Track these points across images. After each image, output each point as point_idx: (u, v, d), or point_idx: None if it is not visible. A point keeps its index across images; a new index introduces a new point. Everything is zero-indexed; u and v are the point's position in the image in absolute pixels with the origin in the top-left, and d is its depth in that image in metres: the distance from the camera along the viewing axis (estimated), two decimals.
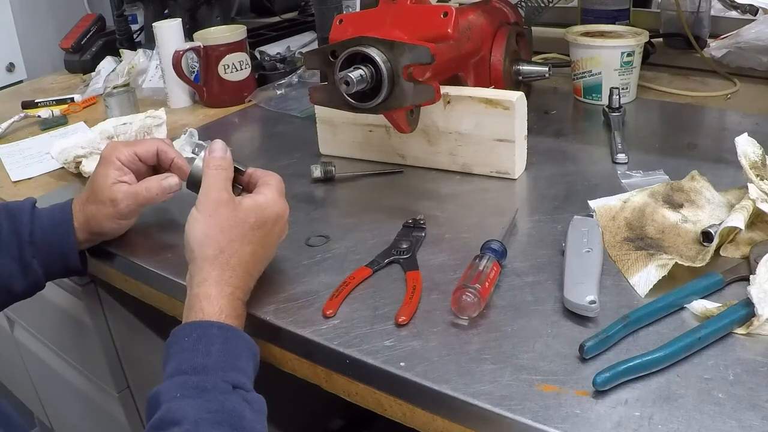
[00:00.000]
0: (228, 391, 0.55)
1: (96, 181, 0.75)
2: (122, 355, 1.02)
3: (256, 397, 0.58)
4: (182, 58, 1.21)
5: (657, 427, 0.49)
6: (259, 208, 0.65)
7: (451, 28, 0.77)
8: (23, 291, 0.77)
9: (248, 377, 0.59)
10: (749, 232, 0.68)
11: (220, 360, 0.57)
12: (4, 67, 1.62)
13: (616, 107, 1.00)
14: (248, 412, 0.55)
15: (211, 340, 0.58)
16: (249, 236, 0.64)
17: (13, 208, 0.76)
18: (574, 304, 0.60)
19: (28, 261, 0.74)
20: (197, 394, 0.54)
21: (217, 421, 0.53)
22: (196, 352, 0.57)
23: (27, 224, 0.75)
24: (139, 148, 0.76)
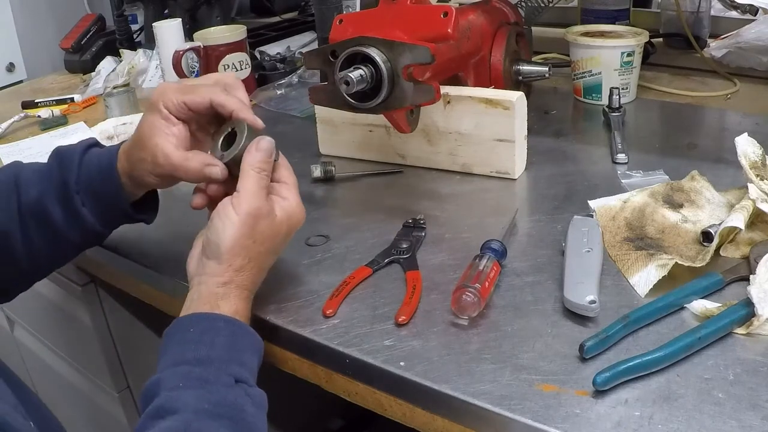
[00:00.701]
0: (230, 384, 0.55)
1: (142, 127, 0.67)
2: (122, 355, 1.02)
3: (258, 392, 0.57)
4: (182, 58, 1.21)
5: (657, 426, 0.49)
6: (289, 218, 0.64)
7: (451, 28, 0.77)
8: (83, 241, 0.73)
9: (251, 372, 0.58)
10: (749, 232, 0.68)
11: (225, 353, 0.57)
12: (4, 67, 1.62)
13: (616, 107, 1.00)
14: (249, 407, 0.55)
15: (217, 333, 0.58)
16: (278, 247, 0.65)
17: (64, 153, 0.72)
18: (574, 304, 0.60)
19: (78, 210, 0.70)
20: (200, 385, 0.54)
21: (218, 414, 0.53)
22: (201, 343, 0.57)
23: (74, 171, 0.70)
24: (189, 97, 0.65)
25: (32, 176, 0.71)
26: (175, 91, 0.66)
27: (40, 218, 0.70)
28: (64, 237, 0.71)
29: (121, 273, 0.83)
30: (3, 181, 0.71)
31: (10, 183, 0.71)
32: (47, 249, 0.72)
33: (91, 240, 0.74)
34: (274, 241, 0.63)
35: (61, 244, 0.72)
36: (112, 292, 0.97)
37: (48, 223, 0.70)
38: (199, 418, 0.52)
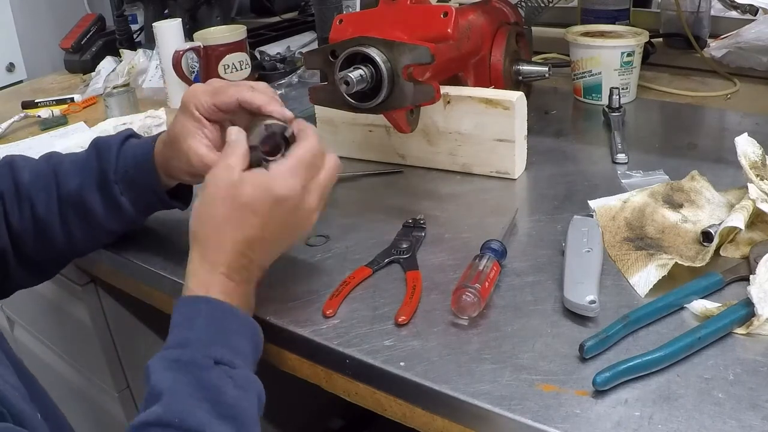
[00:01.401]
0: (208, 366, 0.55)
1: (175, 128, 0.68)
2: (122, 355, 1.02)
3: (243, 373, 0.56)
4: (182, 58, 1.21)
5: (657, 426, 0.49)
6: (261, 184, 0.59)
7: (451, 28, 0.77)
8: (118, 228, 0.76)
9: (239, 355, 0.57)
10: (749, 232, 0.68)
11: (204, 335, 0.56)
12: (4, 67, 1.61)
13: (616, 107, 1.00)
14: (230, 388, 0.54)
15: (196, 315, 0.58)
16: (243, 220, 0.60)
17: (102, 144, 0.74)
18: (574, 304, 0.60)
19: (117, 199, 0.73)
20: (176, 368, 0.54)
21: (194, 395, 0.53)
22: (182, 327, 0.57)
23: (113, 162, 0.72)
24: (218, 98, 0.66)
25: (71, 167, 0.74)
26: (205, 93, 0.67)
27: (79, 208, 0.73)
28: (101, 225, 0.74)
29: (121, 273, 0.83)
30: (42, 173, 0.74)
31: (49, 174, 0.74)
32: (84, 236, 0.75)
33: (127, 226, 0.77)
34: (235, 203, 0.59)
35: (98, 231, 0.75)
36: (112, 292, 0.97)
37: (87, 212, 0.73)
38: (176, 400, 0.52)
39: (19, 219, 0.73)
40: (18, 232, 0.73)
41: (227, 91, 0.66)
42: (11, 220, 0.73)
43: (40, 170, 0.75)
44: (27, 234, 0.73)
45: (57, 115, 1.27)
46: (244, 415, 0.54)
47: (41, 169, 0.75)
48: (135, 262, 0.78)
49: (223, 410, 0.53)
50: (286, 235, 0.63)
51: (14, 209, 0.73)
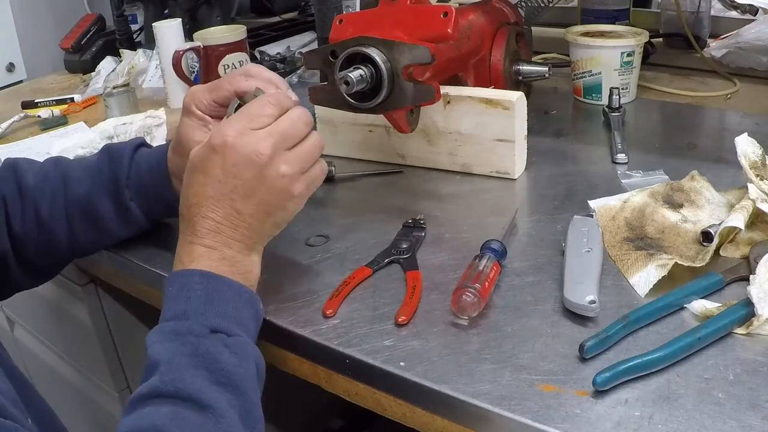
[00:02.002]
0: (204, 334, 0.55)
1: (180, 131, 0.71)
2: (122, 355, 1.02)
3: (242, 341, 0.57)
4: (182, 58, 1.21)
5: (657, 427, 0.49)
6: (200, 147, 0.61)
7: (451, 28, 0.77)
8: (124, 233, 0.77)
9: (236, 323, 0.57)
10: (749, 232, 0.68)
11: (200, 305, 0.57)
12: (4, 67, 1.61)
13: (616, 107, 1.00)
14: (226, 355, 0.54)
15: (192, 287, 0.58)
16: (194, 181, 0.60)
17: (114, 150, 0.76)
18: (574, 304, 0.60)
19: (126, 204, 0.74)
20: (172, 338, 0.55)
21: (191, 364, 0.53)
22: (178, 299, 0.57)
23: (125, 168, 0.74)
24: (216, 94, 0.69)
25: (81, 172, 0.75)
26: (204, 91, 0.69)
27: (86, 212, 0.74)
28: (108, 230, 0.75)
29: (121, 273, 0.83)
30: (49, 177, 0.75)
31: (58, 178, 0.74)
32: (89, 239, 0.76)
33: (133, 232, 0.78)
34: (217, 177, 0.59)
35: (103, 236, 0.76)
36: (112, 292, 0.97)
37: (94, 217, 0.74)
38: (172, 370, 0.52)
39: (21, 222, 0.73)
40: (20, 235, 0.73)
41: (223, 86, 0.68)
42: (13, 223, 0.73)
43: (46, 174, 0.75)
44: (29, 237, 0.73)
45: (57, 115, 1.27)
46: (241, 381, 0.54)
47: (48, 172, 0.75)
48: (135, 262, 0.78)
49: (220, 377, 0.53)
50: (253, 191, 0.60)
51: (17, 212, 0.73)
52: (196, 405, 0.51)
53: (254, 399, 0.55)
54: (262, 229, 0.62)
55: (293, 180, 0.61)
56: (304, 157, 0.62)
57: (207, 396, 0.52)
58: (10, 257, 0.74)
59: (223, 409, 0.52)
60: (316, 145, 0.63)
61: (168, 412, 0.51)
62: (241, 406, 0.53)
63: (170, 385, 0.52)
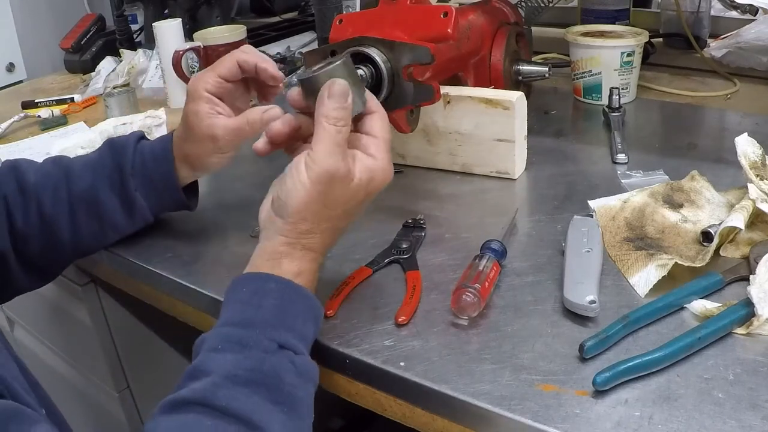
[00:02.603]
0: (272, 350, 0.52)
1: (189, 120, 0.71)
2: (122, 355, 1.02)
3: (306, 361, 0.54)
4: (182, 58, 1.21)
5: (657, 427, 0.49)
6: (370, 180, 0.58)
7: (451, 28, 0.77)
8: (128, 226, 0.77)
9: (303, 339, 0.55)
10: (749, 232, 0.68)
11: (272, 316, 0.54)
12: (4, 67, 1.61)
13: (616, 107, 1.00)
14: (290, 376, 0.52)
15: (265, 294, 0.55)
16: (354, 209, 0.60)
17: (117, 142, 0.76)
18: (574, 304, 0.60)
19: (131, 194, 0.74)
20: (238, 350, 0.52)
21: (252, 380, 0.51)
22: (249, 304, 0.55)
23: (129, 158, 0.74)
24: (220, 69, 0.71)
25: (83, 168, 0.75)
26: (206, 73, 0.72)
27: (90, 206, 0.74)
28: (112, 223, 0.75)
29: (121, 273, 0.83)
30: (51, 174, 0.75)
31: (59, 175, 0.75)
32: (92, 235, 0.75)
33: (137, 225, 0.77)
34: (349, 205, 0.59)
35: (107, 231, 0.76)
36: (112, 292, 0.97)
37: (98, 210, 0.74)
38: (228, 384, 0.50)
39: (23, 220, 0.73)
40: (22, 233, 0.73)
41: (225, 60, 0.71)
42: (15, 222, 0.73)
43: (47, 171, 0.75)
44: (32, 235, 0.73)
45: (57, 115, 1.27)
46: (299, 403, 0.52)
47: (49, 170, 0.75)
48: (135, 262, 0.78)
49: (278, 397, 0.51)
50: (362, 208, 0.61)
51: (18, 211, 0.73)
52: (245, 424, 0.49)
53: (307, 419, 0.53)
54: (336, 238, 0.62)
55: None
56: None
57: (259, 416, 0.49)
58: (11, 258, 0.74)
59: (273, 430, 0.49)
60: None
61: (212, 426, 0.48)
62: (294, 426, 0.51)
63: (222, 399, 0.49)
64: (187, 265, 0.76)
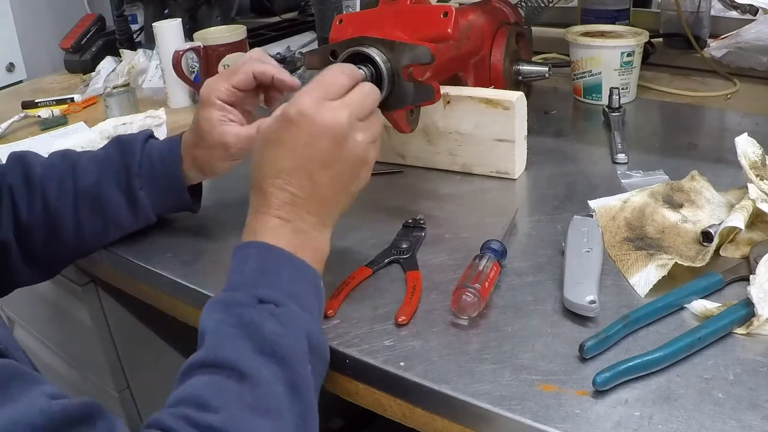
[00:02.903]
0: (251, 304, 0.54)
1: (201, 126, 0.72)
2: (122, 355, 1.02)
3: (288, 311, 0.55)
4: (182, 58, 1.21)
5: (657, 427, 0.49)
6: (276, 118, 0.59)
7: (451, 28, 0.77)
8: (131, 224, 0.77)
9: (289, 295, 0.56)
10: (749, 232, 0.68)
11: (253, 277, 0.56)
12: (4, 67, 1.61)
13: (616, 107, 1.00)
14: (270, 324, 0.53)
15: (245, 260, 0.57)
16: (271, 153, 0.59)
17: (125, 140, 0.77)
18: (574, 304, 0.60)
19: (136, 193, 0.75)
20: (219, 309, 0.55)
21: (234, 334, 0.52)
22: (234, 272, 0.57)
23: (137, 156, 0.75)
24: (235, 79, 0.71)
25: (90, 163, 0.76)
26: (220, 79, 0.72)
27: (95, 202, 0.74)
28: (115, 220, 0.76)
29: (121, 273, 0.83)
30: (58, 167, 0.76)
31: (66, 168, 0.75)
32: (94, 231, 0.76)
33: (139, 224, 0.78)
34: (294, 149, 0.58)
35: (109, 227, 0.76)
36: (112, 292, 0.97)
37: (102, 206, 0.75)
38: (216, 338, 0.53)
39: (28, 211, 0.73)
40: (26, 224, 0.73)
41: (240, 69, 0.72)
42: (20, 212, 0.73)
43: (54, 164, 0.76)
44: (36, 226, 0.74)
45: (57, 115, 1.27)
46: (287, 351, 0.52)
47: (56, 163, 0.76)
48: (135, 262, 0.78)
49: (263, 347, 0.52)
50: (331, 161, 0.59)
51: (23, 201, 0.73)
52: (234, 373, 0.50)
53: (302, 371, 0.52)
54: (338, 201, 0.61)
55: (368, 148, 0.61)
56: (375, 126, 0.62)
57: (245, 364, 0.50)
58: (14, 248, 0.74)
59: (263, 378, 0.50)
60: (380, 120, 0.64)
61: (207, 380, 0.50)
62: (287, 377, 0.51)
63: (212, 353, 0.52)
64: (187, 264, 0.76)
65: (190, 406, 0.48)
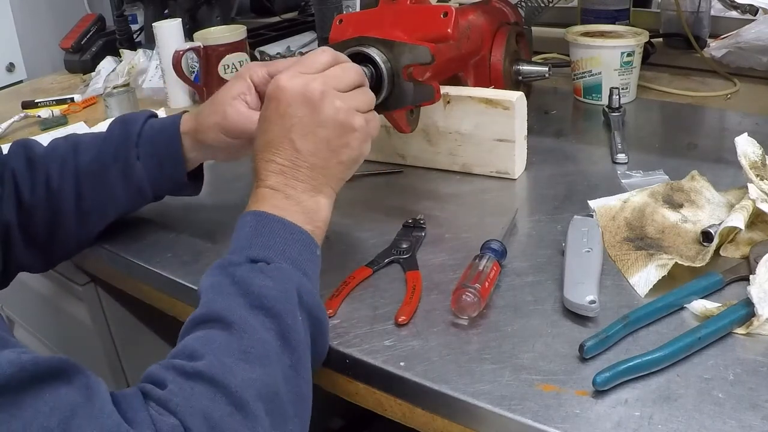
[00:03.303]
0: (241, 263, 0.56)
1: (220, 92, 0.74)
2: (122, 355, 1.02)
3: (282, 268, 0.56)
4: (182, 58, 1.21)
5: (657, 427, 0.49)
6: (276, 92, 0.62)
7: (451, 28, 0.77)
8: (126, 199, 0.77)
9: (281, 255, 0.57)
10: (749, 232, 0.68)
11: (246, 242, 0.58)
12: (4, 67, 1.61)
13: (616, 107, 1.00)
14: (259, 279, 0.54)
15: (242, 227, 0.59)
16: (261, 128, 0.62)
17: (127, 117, 0.78)
18: (574, 304, 0.60)
19: (131, 163, 0.75)
20: (216, 273, 0.56)
21: (225, 291, 0.54)
22: (233, 240, 0.59)
23: (137, 129, 0.75)
24: (273, 68, 0.72)
25: (91, 141, 0.77)
26: (260, 66, 0.73)
27: (94, 177, 0.75)
28: (111, 195, 0.76)
29: (121, 273, 0.83)
30: (61, 147, 0.76)
31: (68, 147, 0.76)
32: (94, 210, 0.76)
33: (134, 200, 0.78)
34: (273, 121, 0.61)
35: (107, 203, 0.76)
36: (112, 292, 0.97)
37: (101, 181, 0.75)
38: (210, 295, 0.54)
39: (31, 192, 0.74)
40: (29, 206, 0.74)
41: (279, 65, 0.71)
42: (23, 195, 0.74)
43: (57, 146, 0.77)
44: (38, 207, 0.74)
45: (57, 115, 1.27)
46: (275, 303, 0.53)
47: (58, 145, 0.77)
48: (135, 262, 0.78)
49: (253, 300, 0.53)
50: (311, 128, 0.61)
51: (26, 183, 0.74)
52: (222, 323, 0.52)
53: (291, 322, 0.53)
54: (327, 168, 0.62)
55: (350, 114, 0.62)
56: (358, 98, 0.63)
57: (232, 315, 0.52)
58: (16, 233, 0.74)
59: (249, 327, 0.52)
60: (367, 95, 0.65)
61: (199, 334, 0.52)
62: (277, 329, 0.53)
63: (204, 309, 0.54)
64: (187, 264, 0.76)
65: (180, 357, 0.50)
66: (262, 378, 0.50)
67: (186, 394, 0.47)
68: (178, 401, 0.47)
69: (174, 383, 0.48)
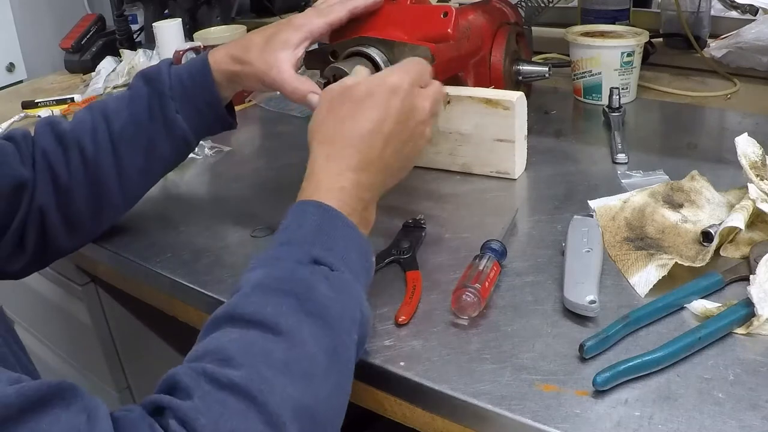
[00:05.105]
0: (305, 262, 0.51)
1: (274, 37, 0.72)
2: (122, 355, 1.02)
3: (347, 280, 0.52)
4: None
5: (657, 427, 0.49)
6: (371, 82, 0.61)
7: (451, 28, 0.77)
8: (171, 153, 0.76)
9: (345, 263, 0.53)
10: (749, 232, 0.68)
11: (310, 236, 0.53)
12: (4, 67, 1.62)
13: (616, 107, 1.00)
14: (323, 287, 0.50)
15: (305, 217, 0.55)
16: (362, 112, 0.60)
17: (150, 71, 0.75)
18: (574, 304, 0.60)
19: (172, 117, 0.73)
20: (269, 264, 0.52)
21: (280, 288, 0.50)
22: (289, 228, 0.55)
23: (166, 81, 0.73)
24: (331, 18, 0.72)
25: (118, 104, 0.74)
26: (315, 16, 0.72)
27: (132, 139, 0.73)
28: (154, 152, 0.74)
29: (121, 273, 0.83)
30: (87, 117, 0.74)
31: (96, 116, 0.74)
32: (138, 172, 0.74)
33: (181, 152, 0.76)
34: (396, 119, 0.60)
35: (152, 162, 0.75)
36: (112, 292, 0.97)
37: (140, 141, 0.73)
38: (256, 292, 0.49)
39: (67, 170, 0.71)
40: (67, 185, 0.71)
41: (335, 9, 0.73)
42: (59, 174, 0.71)
43: (83, 118, 0.74)
44: (78, 185, 0.72)
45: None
46: (334, 319, 0.49)
47: (83, 116, 0.74)
48: (135, 262, 0.78)
49: (310, 307, 0.49)
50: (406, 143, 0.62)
51: (60, 163, 0.71)
52: (267, 327, 0.47)
53: (347, 341, 0.50)
54: (392, 177, 0.63)
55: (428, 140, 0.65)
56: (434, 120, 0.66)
57: (285, 321, 0.47)
58: (54, 217, 0.71)
59: (303, 338, 0.47)
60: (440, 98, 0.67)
61: (237, 335, 0.47)
62: (329, 344, 0.48)
63: (247, 307, 0.48)
64: (187, 265, 0.76)
65: (212, 360, 0.45)
66: (303, 397, 0.46)
67: (215, 413, 0.42)
68: (204, 422, 0.41)
69: (202, 397, 0.42)
